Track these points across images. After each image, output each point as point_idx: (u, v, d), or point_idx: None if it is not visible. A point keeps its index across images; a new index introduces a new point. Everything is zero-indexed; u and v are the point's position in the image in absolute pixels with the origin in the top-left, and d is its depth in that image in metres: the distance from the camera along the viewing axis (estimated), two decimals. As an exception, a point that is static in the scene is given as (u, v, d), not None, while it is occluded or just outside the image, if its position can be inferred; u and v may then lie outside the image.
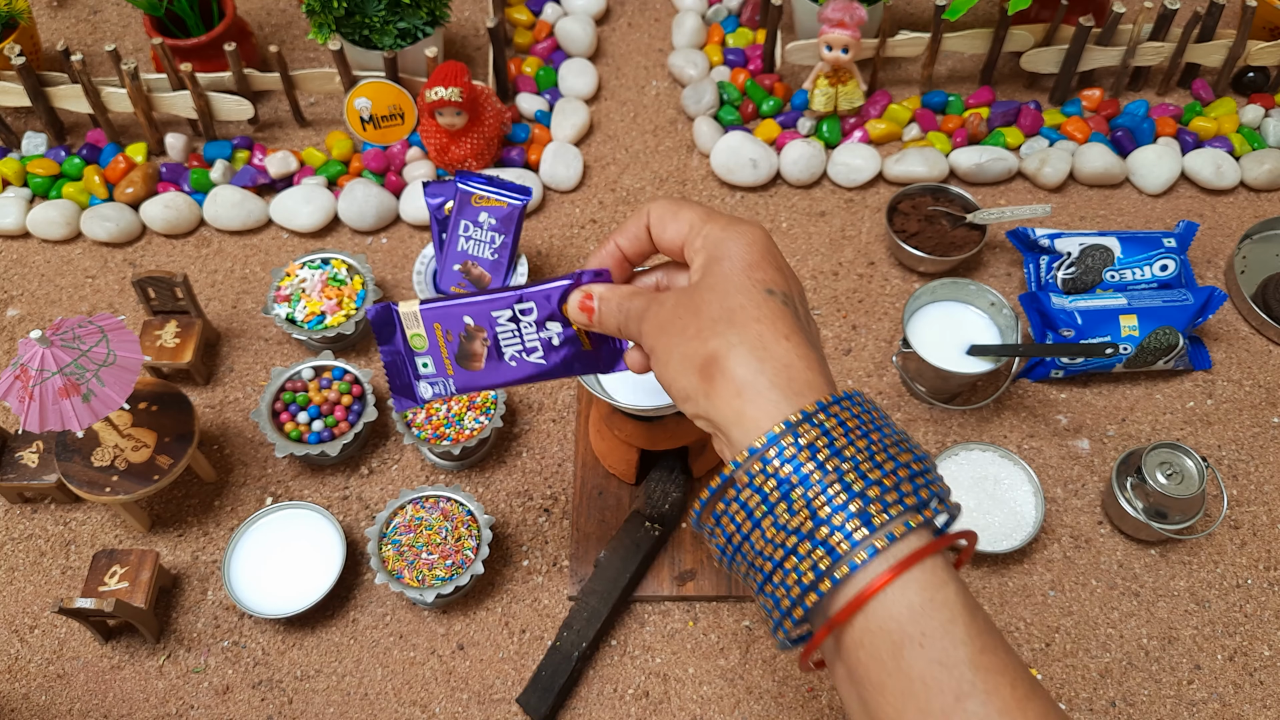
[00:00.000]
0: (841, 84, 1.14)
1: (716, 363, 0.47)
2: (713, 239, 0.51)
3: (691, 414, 0.49)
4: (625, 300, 0.54)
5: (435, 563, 0.85)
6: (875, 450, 0.44)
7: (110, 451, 0.87)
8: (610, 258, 0.57)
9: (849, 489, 0.42)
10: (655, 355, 0.50)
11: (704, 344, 0.47)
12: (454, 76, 1.04)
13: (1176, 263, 1.01)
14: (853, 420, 0.45)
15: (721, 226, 0.52)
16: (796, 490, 0.43)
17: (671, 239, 0.54)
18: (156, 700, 0.85)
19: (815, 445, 0.43)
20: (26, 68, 1.09)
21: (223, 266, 1.10)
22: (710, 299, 0.49)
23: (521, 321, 0.58)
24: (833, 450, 0.43)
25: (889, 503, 0.43)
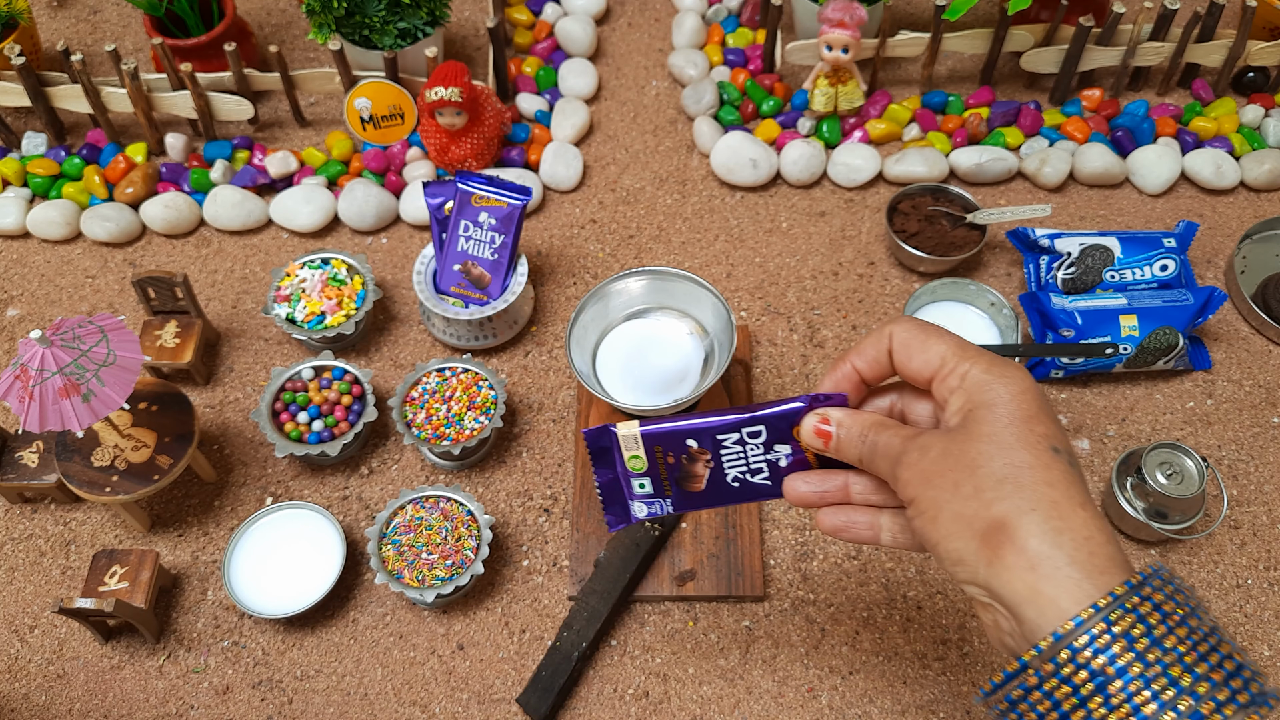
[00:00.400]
0: (841, 84, 1.14)
1: (1004, 530, 0.42)
2: (976, 381, 0.47)
3: (964, 579, 0.45)
4: (870, 431, 0.51)
5: (435, 563, 0.85)
6: (1196, 640, 0.40)
7: (110, 451, 0.87)
8: (847, 380, 0.53)
9: (1175, 684, 0.39)
10: (918, 507, 0.46)
11: (986, 507, 0.43)
12: (454, 76, 1.04)
13: (1176, 263, 1.01)
14: (1168, 603, 0.41)
15: (984, 367, 0.47)
16: (1114, 684, 0.39)
17: (919, 370, 0.50)
18: (156, 700, 0.85)
19: (1131, 634, 0.39)
20: (26, 68, 1.09)
21: (223, 266, 1.10)
22: (988, 452, 0.44)
23: (748, 444, 0.55)
24: (1152, 639, 0.39)
25: (1221, 701, 0.38)
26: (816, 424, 0.53)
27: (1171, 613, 0.40)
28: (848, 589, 0.89)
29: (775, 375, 1.01)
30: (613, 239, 1.11)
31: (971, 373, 0.47)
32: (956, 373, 0.48)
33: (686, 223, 1.12)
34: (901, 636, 0.86)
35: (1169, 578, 0.42)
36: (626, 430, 0.57)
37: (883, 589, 0.89)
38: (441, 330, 1.02)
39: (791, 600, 0.88)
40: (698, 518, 0.90)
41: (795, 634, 0.87)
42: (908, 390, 0.54)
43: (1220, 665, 0.40)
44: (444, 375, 0.94)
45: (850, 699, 0.83)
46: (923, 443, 0.47)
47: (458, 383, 0.94)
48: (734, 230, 1.11)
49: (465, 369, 0.95)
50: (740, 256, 1.09)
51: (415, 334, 1.04)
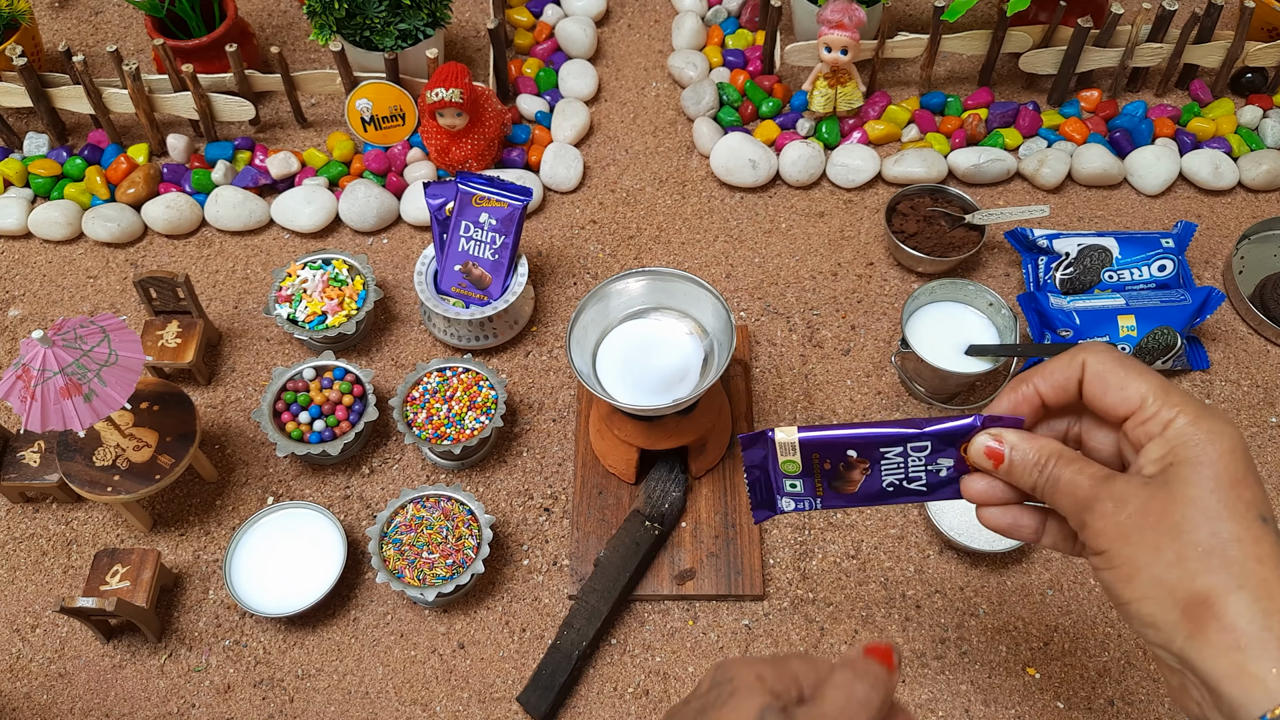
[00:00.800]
0: (840, 85, 1.14)
1: (1209, 606, 0.41)
2: (1181, 434, 0.44)
3: (1156, 643, 0.43)
4: (1050, 462, 0.48)
5: (436, 562, 0.85)
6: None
7: (112, 451, 0.87)
8: (1026, 402, 0.51)
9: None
10: (1110, 561, 0.44)
11: (1190, 578, 0.42)
12: (455, 78, 1.04)
13: (1174, 263, 1.01)
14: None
15: (1191, 419, 0.44)
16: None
17: (1113, 406, 0.47)
18: (158, 699, 0.85)
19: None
20: (28, 68, 1.09)
21: (224, 267, 1.10)
22: (1192, 518, 0.42)
23: (910, 456, 0.55)
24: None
25: None
26: (988, 443, 0.50)
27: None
28: (847, 588, 0.89)
29: (775, 375, 1.01)
30: (613, 239, 1.11)
31: (1177, 423, 0.45)
32: (1159, 419, 0.45)
33: (686, 223, 1.13)
34: (900, 635, 0.86)
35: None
36: (785, 437, 0.56)
37: (881, 588, 0.89)
38: (442, 330, 1.02)
39: (791, 599, 0.88)
40: (698, 517, 0.91)
41: (795, 633, 0.87)
42: (1089, 416, 0.51)
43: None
44: (445, 375, 0.95)
45: (849, 697, 0.84)
46: (1118, 492, 0.45)
47: (458, 383, 0.94)
48: (733, 231, 1.12)
49: (466, 369, 0.95)
50: (740, 257, 1.10)
51: (416, 334, 1.05)
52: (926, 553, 0.90)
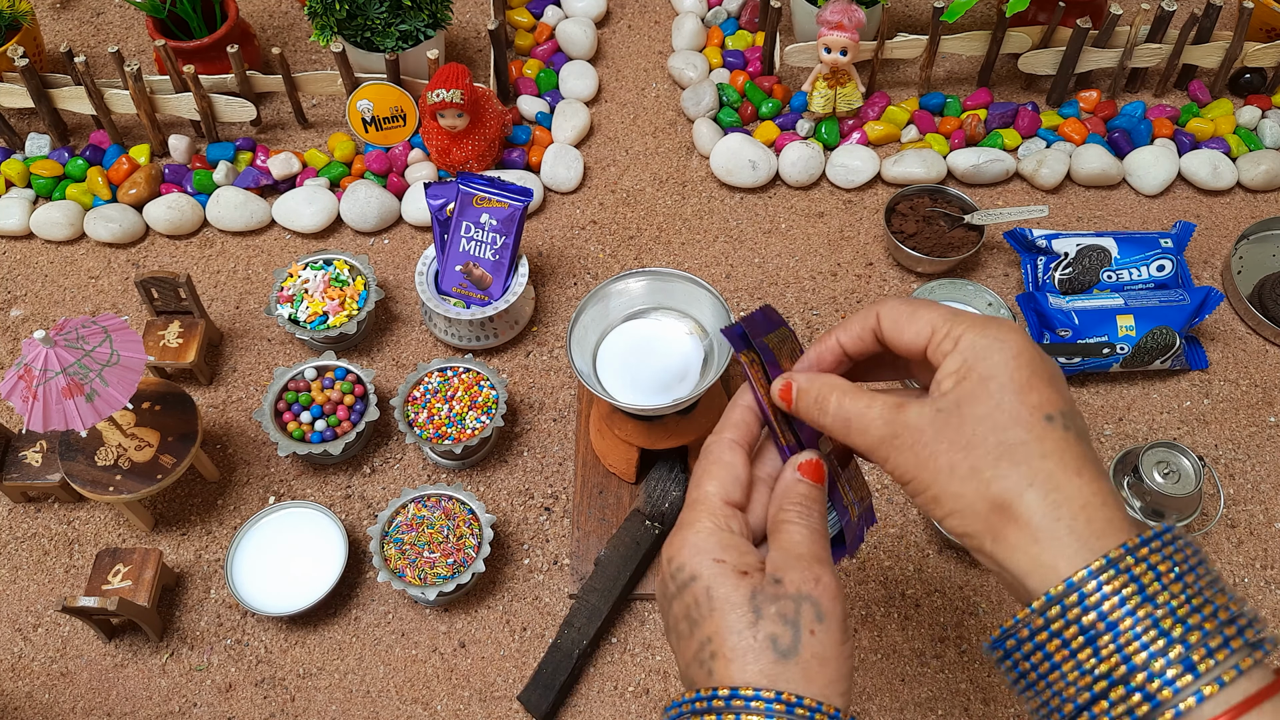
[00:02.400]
0: (840, 86, 1.14)
1: (1006, 509, 0.44)
2: (970, 346, 0.46)
3: (973, 548, 0.46)
4: (832, 397, 0.50)
5: (437, 561, 0.85)
6: (1192, 594, 0.41)
7: (114, 451, 0.87)
8: (830, 353, 0.53)
9: (1166, 635, 0.40)
10: (915, 488, 0.47)
11: (985, 486, 0.44)
12: (455, 78, 1.05)
13: (1173, 263, 1.02)
14: (1164, 564, 0.41)
15: (978, 330, 0.47)
16: (1104, 637, 0.41)
17: (910, 341, 0.49)
18: (159, 698, 0.85)
19: (1123, 593, 0.41)
20: (30, 69, 1.09)
21: (225, 267, 1.10)
22: (981, 431, 0.45)
23: None
24: (1144, 596, 0.41)
25: (1213, 648, 0.40)
26: (780, 385, 0.52)
27: (1167, 571, 0.41)
28: (846, 587, 0.89)
29: (774, 375, 1.01)
30: (613, 240, 1.12)
31: (966, 336, 0.47)
32: (950, 337, 0.47)
33: (686, 224, 1.13)
34: (900, 634, 0.87)
35: (1170, 539, 0.43)
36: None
37: (881, 586, 0.89)
38: (443, 330, 1.02)
39: (791, 598, 0.89)
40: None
41: (794, 632, 0.87)
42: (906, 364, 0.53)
43: (1214, 615, 0.41)
44: (445, 375, 0.95)
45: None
46: (912, 422, 0.47)
47: (459, 382, 0.94)
48: (733, 231, 1.12)
49: (467, 369, 0.95)
50: (739, 257, 1.10)
51: (417, 334, 1.05)
52: (926, 552, 0.91)
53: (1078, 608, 0.41)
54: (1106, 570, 0.41)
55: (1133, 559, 0.41)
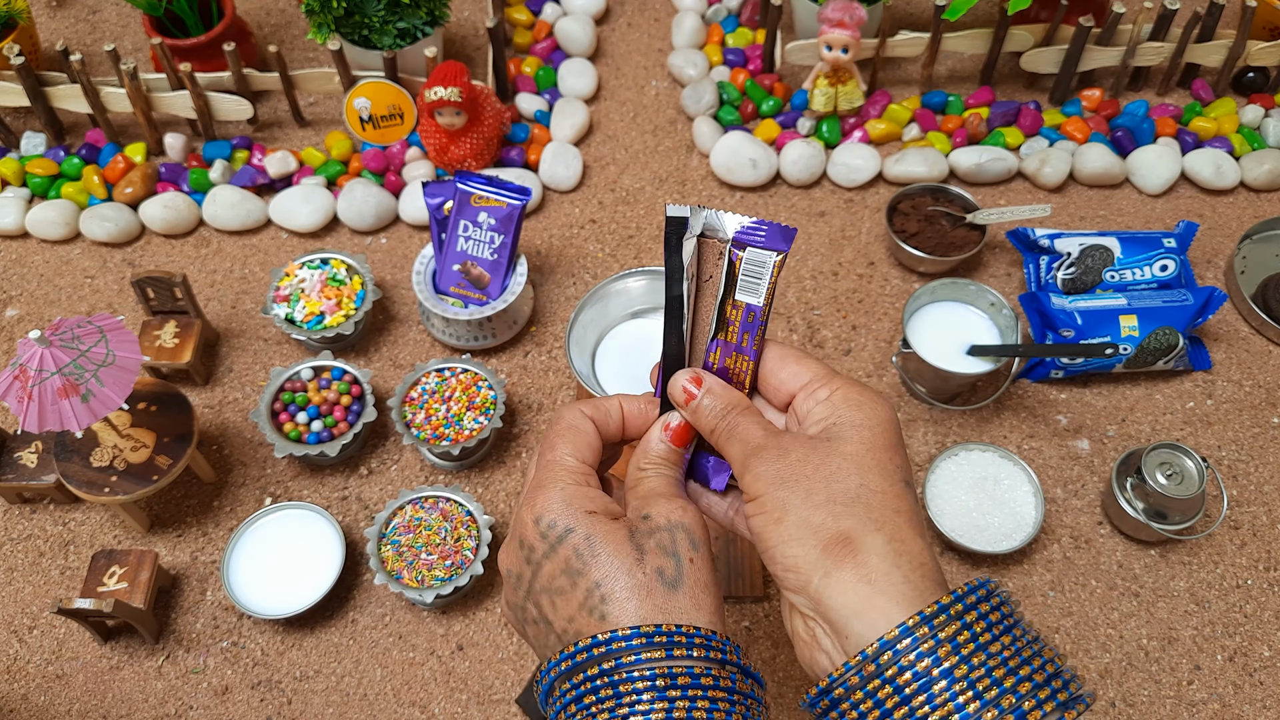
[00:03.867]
0: (841, 84, 1.14)
1: (849, 544, 0.44)
2: (846, 399, 0.48)
3: (792, 588, 0.46)
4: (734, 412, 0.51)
5: (434, 563, 0.85)
6: (1008, 655, 0.42)
7: (109, 452, 0.87)
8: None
9: (980, 696, 0.40)
10: (763, 505, 0.47)
11: (835, 519, 0.45)
12: (453, 76, 1.04)
13: (1176, 263, 1.01)
14: (980, 622, 0.42)
15: (858, 389, 0.49)
16: (919, 698, 0.41)
17: (784, 381, 0.51)
18: (155, 701, 0.85)
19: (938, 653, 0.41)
20: (25, 67, 1.09)
21: (222, 266, 1.09)
22: (846, 469, 0.46)
23: None
24: (960, 657, 0.41)
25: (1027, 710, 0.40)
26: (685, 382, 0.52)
27: (983, 630, 0.42)
28: (847, 589, 0.88)
29: (775, 375, 1.01)
30: (612, 239, 1.11)
31: (842, 390, 0.49)
32: (828, 387, 0.49)
33: (686, 223, 1.12)
34: (901, 637, 0.86)
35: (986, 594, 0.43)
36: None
37: (882, 589, 0.88)
38: (441, 330, 1.02)
39: (791, 601, 0.88)
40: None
41: (795, 634, 0.87)
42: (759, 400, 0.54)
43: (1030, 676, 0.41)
44: (443, 375, 0.94)
45: (850, 699, 0.83)
46: (785, 443, 0.48)
47: (457, 383, 0.94)
48: (734, 230, 1.11)
49: (464, 369, 0.95)
50: (740, 256, 1.09)
51: (414, 334, 1.04)
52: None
53: (894, 666, 0.41)
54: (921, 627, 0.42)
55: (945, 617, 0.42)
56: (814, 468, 0.46)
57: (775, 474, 0.47)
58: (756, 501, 0.47)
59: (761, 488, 0.47)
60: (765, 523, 0.47)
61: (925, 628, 0.41)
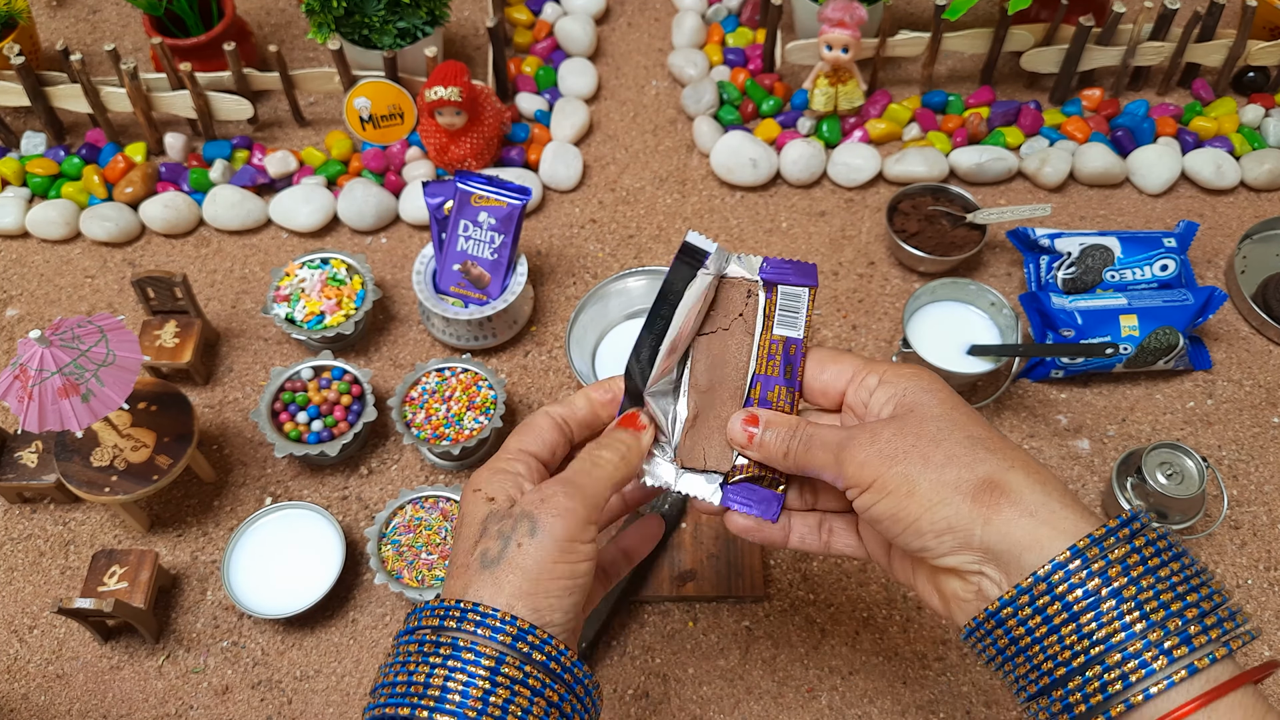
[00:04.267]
0: (841, 83, 1.14)
1: (997, 487, 0.44)
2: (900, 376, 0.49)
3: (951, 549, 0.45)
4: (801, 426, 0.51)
5: (435, 563, 0.85)
6: (1176, 581, 0.42)
7: (109, 451, 0.87)
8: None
9: (1147, 618, 0.41)
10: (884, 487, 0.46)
11: (969, 469, 0.44)
12: (453, 76, 1.04)
13: (1177, 263, 1.01)
14: (1149, 548, 0.43)
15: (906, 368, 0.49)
16: (1087, 615, 0.41)
17: (829, 383, 0.51)
18: (156, 700, 0.85)
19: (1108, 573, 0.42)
20: (26, 67, 1.09)
21: (222, 266, 1.09)
22: (944, 427, 0.46)
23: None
24: (1130, 578, 0.41)
25: (1191, 634, 0.41)
26: (742, 423, 0.53)
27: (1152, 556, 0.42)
28: (848, 589, 0.88)
29: (775, 375, 1.01)
30: (612, 239, 1.11)
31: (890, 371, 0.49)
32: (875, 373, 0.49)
33: (686, 222, 1.12)
34: (901, 637, 0.86)
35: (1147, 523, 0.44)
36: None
37: (883, 589, 0.88)
38: (441, 330, 1.02)
39: (791, 600, 0.88)
40: (698, 518, 0.90)
41: (795, 634, 0.87)
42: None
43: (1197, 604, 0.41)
44: (443, 375, 0.94)
45: (850, 699, 0.83)
46: (870, 428, 0.48)
47: (457, 383, 0.94)
48: (734, 230, 1.11)
49: (465, 369, 0.95)
50: (740, 256, 1.09)
51: (415, 334, 1.04)
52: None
53: (1064, 584, 0.42)
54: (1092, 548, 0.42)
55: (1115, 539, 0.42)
56: (915, 436, 0.46)
57: (880, 454, 0.46)
58: (873, 487, 0.47)
59: (872, 472, 0.47)
60: (894, 502, 0.46)
61: (1095, 549, 0.42)
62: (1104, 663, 0.41)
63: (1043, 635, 0.42)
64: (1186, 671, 0.40)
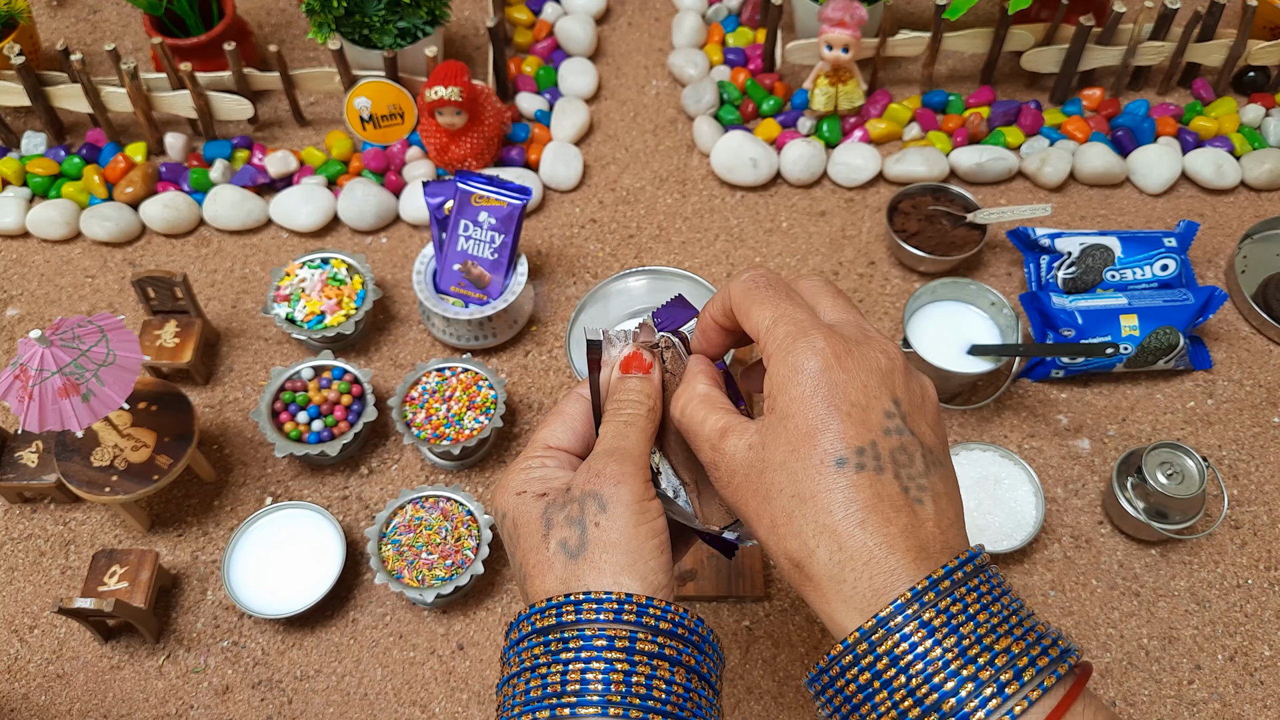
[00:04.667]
0: (842, 83, 1.14)
1: (800, 566, 0.44)
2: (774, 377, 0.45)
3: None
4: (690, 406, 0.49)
5: (435, 563, 0.85)
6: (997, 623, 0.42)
7: (110, 451, 0.87)
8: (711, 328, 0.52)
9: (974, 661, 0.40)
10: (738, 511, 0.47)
11: (781, 542, 0.44)
12: (454, 76, 1.04)
13: (1177, 262, 1.01)
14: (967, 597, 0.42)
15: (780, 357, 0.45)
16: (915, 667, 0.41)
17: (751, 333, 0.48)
18: (156, 700, 0.85)
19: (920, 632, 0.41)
20: (26, 67, 1.09)
21: (222, 266, 1.09)
22: (779, 482, 0.44)
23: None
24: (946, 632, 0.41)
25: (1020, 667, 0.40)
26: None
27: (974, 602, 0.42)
28: (848, 589, 0.88)
29: (775, 375, 1.00)
30: (613, 239, 1.11)
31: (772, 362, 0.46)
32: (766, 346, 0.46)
33: (686, 222, 1.12)
34: (902, 636, 0.86)
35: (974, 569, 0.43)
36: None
37: (883, 589, 0.88)
38: (441, 330, 1.02)
39: (792, 600, 0.88)
40: (698, 518, 0.90)
41: (795, 634, 0.87)
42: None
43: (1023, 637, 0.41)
44: (444, 375, 0.94)
45: (850, 699, 0.83)
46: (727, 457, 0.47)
47: (457, 382, 0.94)
48: (734, 230, 1.11)
49: (465, 369, 0.95)
50: (740, 256, 1.09)
51: (415, 334, 1.04)
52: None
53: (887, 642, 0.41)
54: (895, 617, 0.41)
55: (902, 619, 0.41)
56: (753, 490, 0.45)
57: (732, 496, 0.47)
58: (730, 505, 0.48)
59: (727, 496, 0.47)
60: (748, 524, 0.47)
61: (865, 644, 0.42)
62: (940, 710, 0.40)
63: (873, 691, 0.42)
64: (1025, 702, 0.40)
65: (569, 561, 0.47)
